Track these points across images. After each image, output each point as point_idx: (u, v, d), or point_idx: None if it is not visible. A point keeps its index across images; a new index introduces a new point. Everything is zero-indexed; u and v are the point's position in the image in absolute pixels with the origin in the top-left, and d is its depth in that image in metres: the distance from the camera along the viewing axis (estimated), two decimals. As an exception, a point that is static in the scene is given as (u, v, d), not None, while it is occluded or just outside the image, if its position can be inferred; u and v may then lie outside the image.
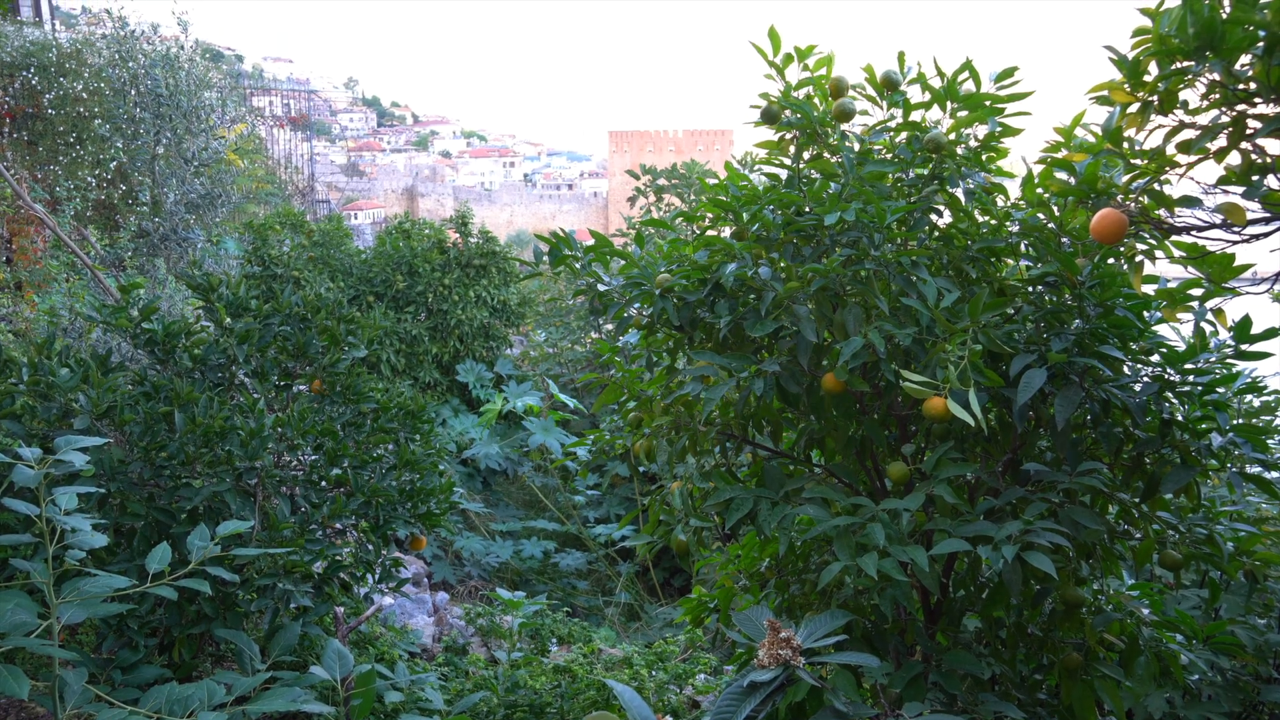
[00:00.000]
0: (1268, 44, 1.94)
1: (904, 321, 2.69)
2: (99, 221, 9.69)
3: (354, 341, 4.18)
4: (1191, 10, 1.99)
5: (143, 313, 3.79)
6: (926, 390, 2.42)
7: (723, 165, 3.81)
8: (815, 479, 3.07)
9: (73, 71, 9.62)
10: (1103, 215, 2.29)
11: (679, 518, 3.23)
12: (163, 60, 9.56)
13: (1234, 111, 2.08)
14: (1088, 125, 2.68)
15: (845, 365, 2.59)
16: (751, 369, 2.72)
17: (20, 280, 8.10)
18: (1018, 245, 2.94)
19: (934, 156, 2.95)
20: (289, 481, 3.64)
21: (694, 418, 3.09)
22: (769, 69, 3.11)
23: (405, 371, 10.39)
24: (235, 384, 3.99)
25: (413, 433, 4.21)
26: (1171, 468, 2.67)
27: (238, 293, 4.10)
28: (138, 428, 3.28)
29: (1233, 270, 2.38)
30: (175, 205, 9.33)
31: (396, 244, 10.90)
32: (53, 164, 9.50)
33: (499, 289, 10.94)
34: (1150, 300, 2.68)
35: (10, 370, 3.26)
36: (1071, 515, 2.55)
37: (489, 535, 9.41)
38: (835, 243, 2.82)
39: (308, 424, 3.61)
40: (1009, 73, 2.94)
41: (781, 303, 2.76)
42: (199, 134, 9.72)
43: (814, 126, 3.08)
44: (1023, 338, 2.75)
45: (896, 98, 3.08)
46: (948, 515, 2.65)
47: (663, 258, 3.11)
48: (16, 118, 9.73)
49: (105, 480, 3.18)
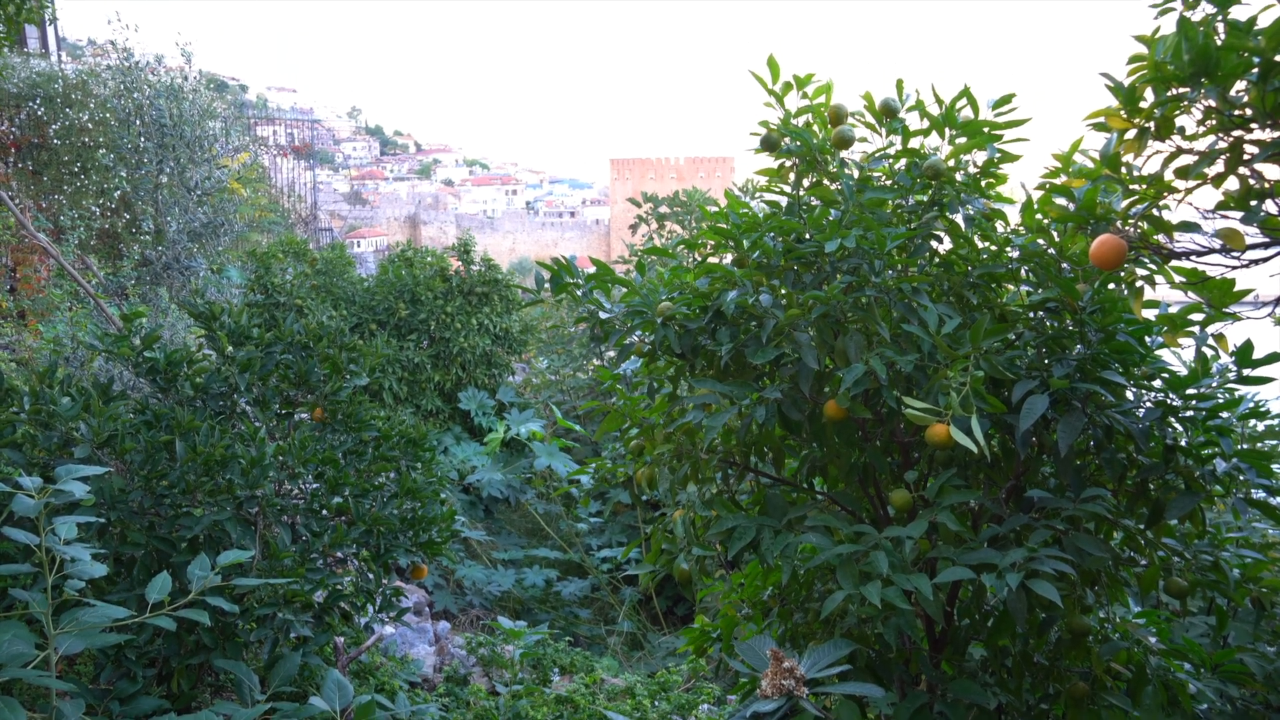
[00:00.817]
0: (1262, 70, 1.95)
1: (905, 348, 2.69)
2: (102, 250, 9.74)
3: (356, 370, 4.18)
4: (1186, 37, 2.00)
5: (144, 341, 3.80)
6: (929, 417, 2.41)
7: (724, 192, 3.83)
8: (818, 506, 3.06)
9: (78, 102, 9.71)
10: (1102, 241, 2.29)
11: (681, 546, 3.21)
12: (167, 91, 9.64)
13: (1231, 137, 2.08)
14: (1085, 151, 2.69)
15: (847, 392, 2.59)
16: (753, 396, 2.71)
17: (24, 309, 8.13)
18: (1018, 271, 2.94)
19: (933, 183, 2.96)
20: (290, 510, 3.63)
21: (696, 445, 3.08)
22: (768, 97, 3.13)
23: (407, 399, 10.39)
24: (237, 412, 3.98)
25: (414, 461, 4.20)
26: (1176, 494, 2.66)
27: (240, 321, 4.11)
28: (139, 456, 3.28)
29: (1233, 295, 2.38)
30: (178, 234, 9.38)
31: (399, 272, 10.93)
32: (57, 193, 9.56)
33: (501, 316, 10.96)
34: (1151, 325, 2.68)
35: (12, 399, 3.26)
36: (1076, 542, 2.53)
37: (491, 563, 9.37)
38: (836, 269, 2.83)
39: (309, 452, 3.61)
40: (1006, 99, 2.96)
41: (783, 330, 2.76)
42: (202, 163, 9.78)
43: (813, 154, 3.09)
44: (1024, 363, 2.75)
45: (895, 125, 3.09)
46: (951, 543, 2.64)
47: (664, 285, 3.11)
48: (22, 148, 9.81)
49: (105, 509, 3.17)
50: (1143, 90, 2.19)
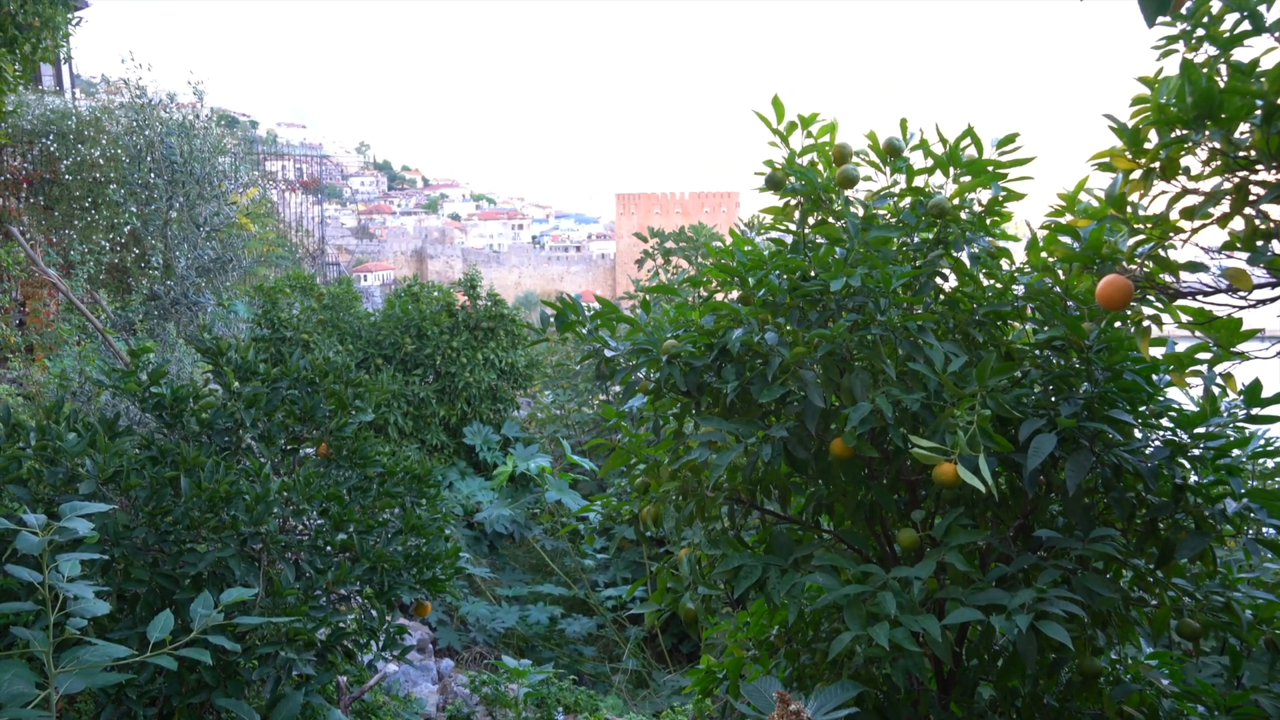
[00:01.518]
0: (1266, 113, 1.96)
1: (911, 386, 2.68)
2: (111, 285, 9.79)
3: (361, 405, 4.18)
4: (1189, 80, 2.01)
5: (152, 376, 3.81)
6: (936, 456, 2.40)
7: (729, 229, 3.85)
8: (824, 545, 3.03)
9: (90, 138, 9.81)
10: (1108, 282, 2.29)
11: (687, 585, 3.19)
12: (178, 128, 9.75)
13: (1236, 178, 2.09)
14: (1090, 190, 2.70)
15: (853, 431, 2.58)
16: (759, 434, 2.71)
17: (32, 343, 8.16)
18: (1023, 309, 2.94)
19: (938, 221, 2.97)
20: (294, 546, 3.61)
21: (702, 483, 3.07)
22: (773, 136, 3.15)
23: (413, 434, 10.38)
24: (242, 448, 3.98)
25: (419, 497, 4.18)
26: (1186, 533, 2.63)
27: (246, 356, 4.12)
28: (143, 492, 3.27)
29: (1241, 335, 2.37)
30: (187, 269, 9.43)
31: (405, 307, 10.97)
32: (68, 228, 9.64)
33: (506, 351, 10.98)
34: (1159, 364, 2.67)
35: (18, 434, 3.27)
36: (1085, 583, 2.51)
37: (495, 600, 9.30)
38: (841, 307, 2.83)
39: (314, 488, 3.60)
40: (1010, 139, 2.98)
41: (788, 368, 2.76)
42: (212, 199, 9.86)
43: (818, 192, 3.11)
44: (1031, 402, 2.74)
45: (899, 163, 3.11)
46: (960, 583, 2.61)
47: (669, 323, 3.12)
48: (34, 183, 9.90)
49: (110, 545, 3.16)
50: (1147, 131, 2.20)
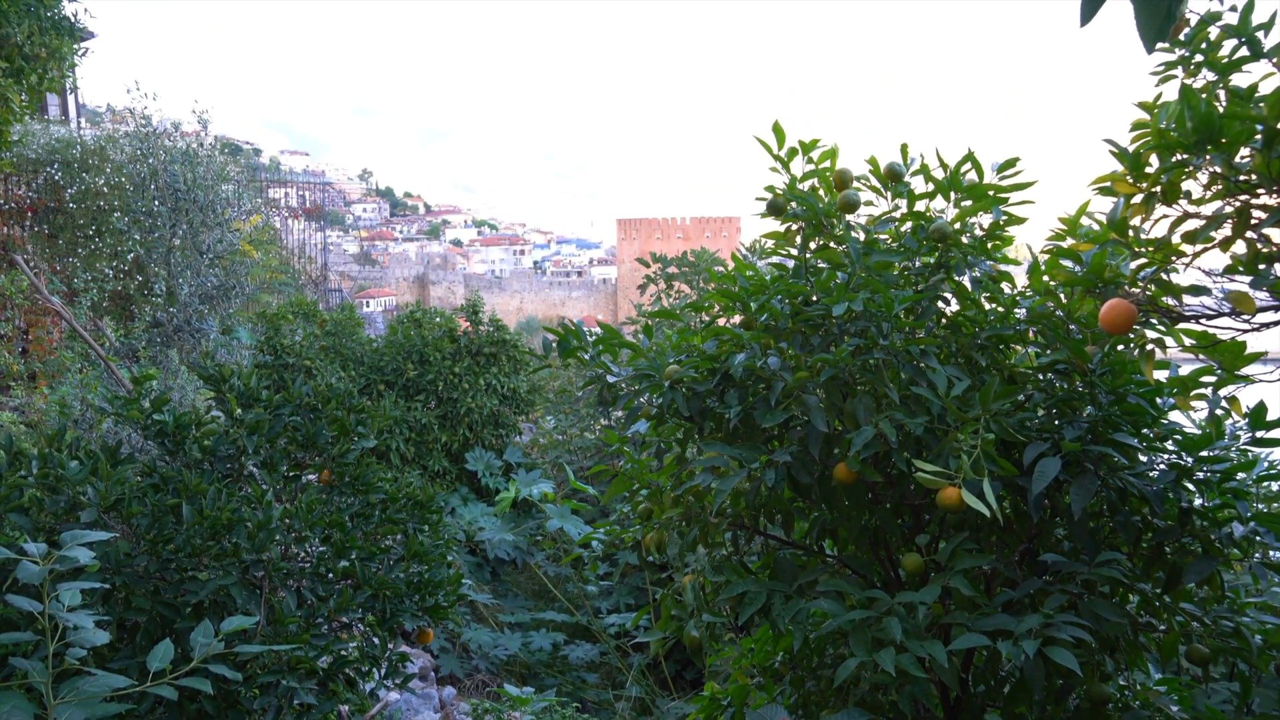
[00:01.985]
0: (1266, 137, 1.97)
1: (915, 410, 2.68)
2: (115, 312, 9.82)
3: (363, 431, 4.17)
4: (1189, 105, 2.02)
5: (154, 404, 3.81)
6: (940, 480, 2.39)
7: (730, 254, 3.86)
8: (829, 570, 3.02)
9: (95, 167, 9.88)
10: (1111, 306, 2.29)
11: (690, 612, 3.17)
12: (182, 156, 9.81)
13: (1237, 202, 2.10)
14: (1092, 214, 2.70)
15: (857, 455, 2.57)
16: (762, 459, 2.70)
17: (35, 371, 8.17)
18: (1026, 332, 2.94)
19: (939, 245, 2.98)
20: (296, 574, 3.60)
21: (705, 509, 3.05)
22: (774, 162, 3.17)
23: (415, 460, 10.36)
24: (244, 474, 3.97)
25: (421, 523, 4.17)
26: (1193, 557, 2.62)
27: (249, 383, 4.12)
28: (145, 520, 3.26)
29: (1245, 358, 2.37)
30: (189, 296, 9.46)
31: (408, 333, 10.98)
32: (72, 256, 9.68)
33: (509, 377, 10.98)
34: (1163, 387, 2.66)
35: (20, 463, 3.26)
36: (1092, 607, 2.49)
37: (497, 626, 9.24)
38: (844, 332, 2.83)
39: (315, 515, 3.59)
40: (1011, 163, 2.99)
41: (791, 392, 2.75)
42: (215, 226, 9.91)
43: (819, 218, 3.12)
44: (1035, 425, 2.73)
45: (900, 188, 3.12)
46: (965, 608, 2.59)
47: (672, 348, 3.12)
48: (39, 212, 9.95)
49: (111, 574, 3.14)
50: (1148, 156, 2.21)
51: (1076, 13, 1.16)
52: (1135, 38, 1.19)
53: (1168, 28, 1.12)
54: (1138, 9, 1.12)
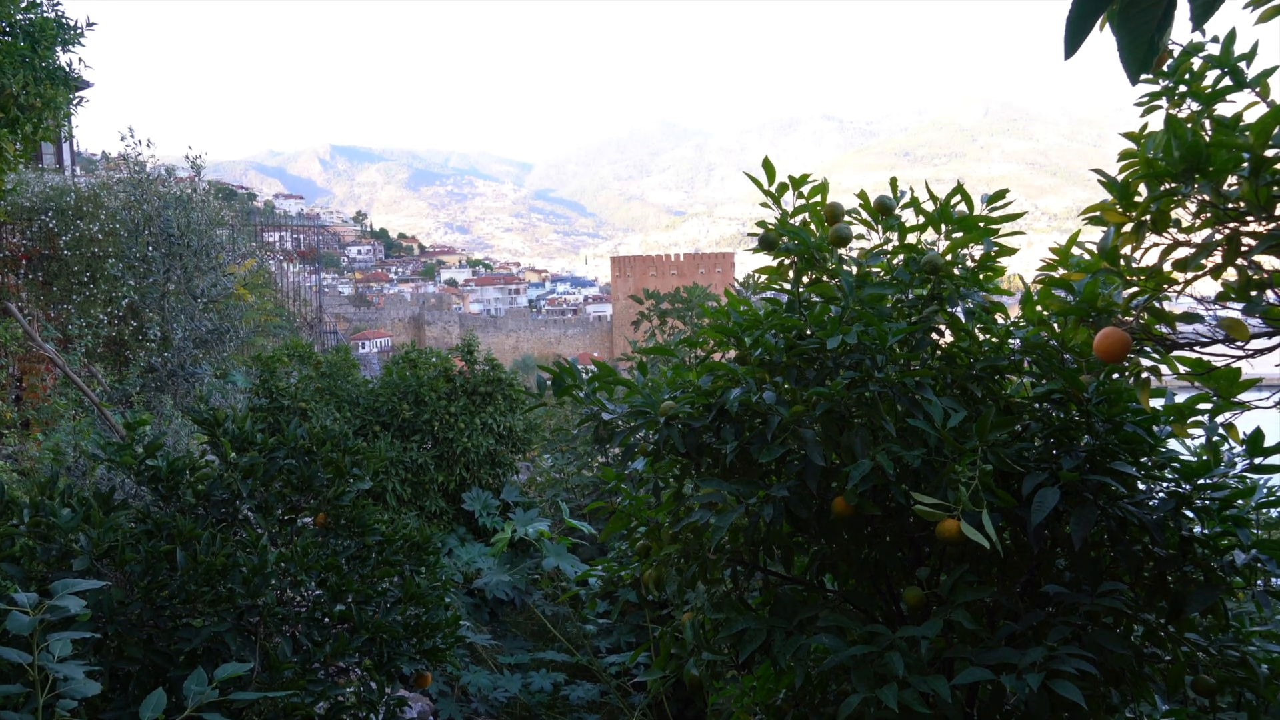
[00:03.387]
0: (1253, 165, 1.99)
1: (911, 442, 2.67)
2: (109, 358, 9.80)
3: (359, 473, 4.15)
4: (1175, 135, 2.04)
5: (147, 449, 3.78)
6: (939, 513, 2.38)
7: (724, 289, 3.86)
8: (829, 605, 2.99)
9: (89, 214, 9.91)
10: (1105, 335, 2.30)
11: (690, 650, 3.13)
12: (176, 202, 9.85)
13: (1227, 229, 2.11)
14: (1083, 244, 2.72)
15: (855, 489, 2.56)
16: (760, 494, 2.68)
17: (29, 418, 8.14)
18: (1020, 362, 2.94)
19: (932, 277, 2.99)
20: (292, 619, 3.55)
21: (703, 545, 3.03)
22: (765, 198, 3.18)
23: (411, 501, 10.30)
24: (239, 519, 3.94)
25: (418, 565, 4.13)
26: (1195, 586, 2.60)
27: (243, 427, 4.10)
28: (138, 567, 3.23)
29: (1240, 385, 2.37)
30: (184, 341, 9.45)
31: (403, 373, 10.96)
32: (66, 303, 9.68)
33: (505, 416, 10.94)
34: (1159, 415, 2.66)
35: (12, 511, 3.23)
36: (1096, 639, 2.47)
37: (496, 668, 9.13)
38: (838, 365, 2.83)
39: (311, 559, 3.55)
40: (1000, 195, 3.01)
41: (787, 426, 2.75)
42: (209, 271, 9.92)
43: (811, 252, 3.13)
44: (1032, 455, 2.72)
45: (892, 221, 3.14)
46: (968, 641, 2.57)
47: (667, 384, 3.11)
48: (33, 259, 9.97)
49: (103, 623, 3.11)
50: (1136, 186, 2.22)
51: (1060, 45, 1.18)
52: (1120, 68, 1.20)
53: (1151, 59, 1.13)
54: (1121, 41, 1.14)
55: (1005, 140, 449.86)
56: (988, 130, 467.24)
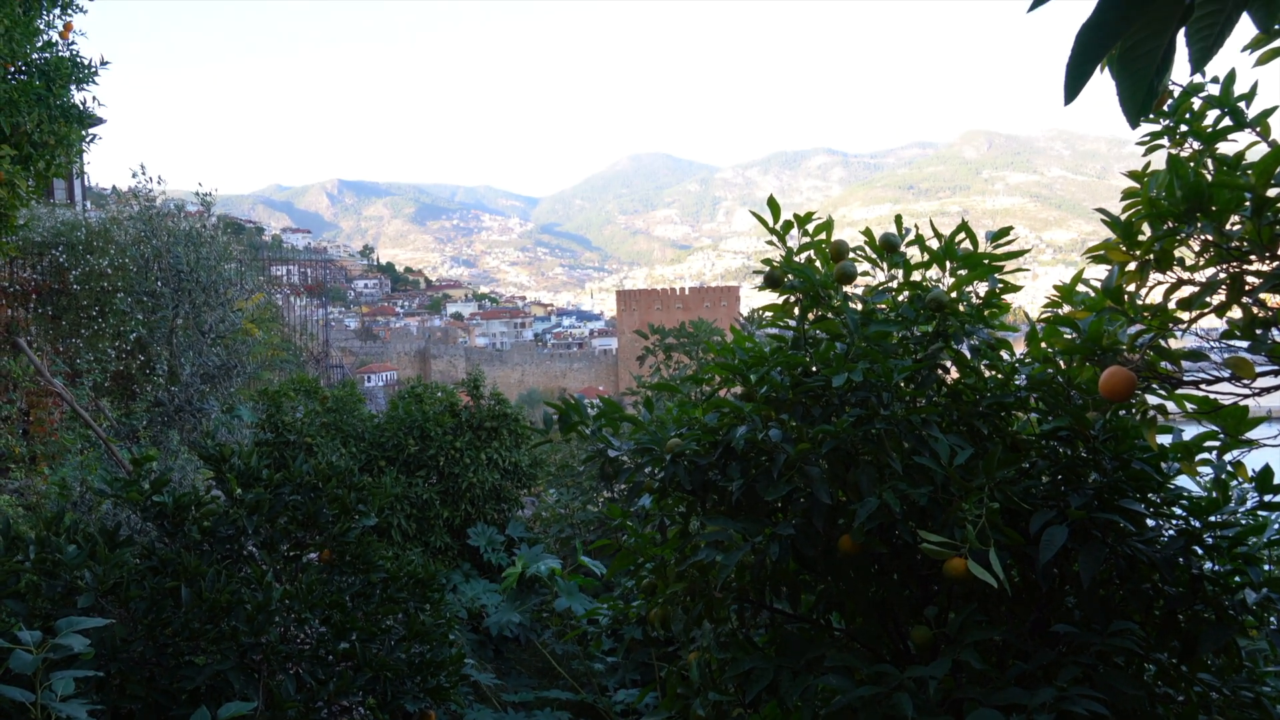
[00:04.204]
0: (1255, 205, 2.00)
1: (918, 480, 2.66)
2: (116, 392, 9.82)
3: (364, 509, 4.14)
4: (1177, 175, 2.05)
5: (154, 485, 3.79)
6: (946, 551, 2.37)
7: (730, 320, 3.88)
8: (836, 644, 2.97)
9: (99, 249, 9.98)
10: (1111, 374, 2.29)
11: (697, 689, 3.10)
12: (185, 237, 9.92)
13: (1231, 268, 2.12)
14: (1087, 281, 2.72)
15: (862, 527, 2.55)
16: (766, 532, 2.68)
17: (36, 453, 8.15)
18: (1027, 399, 2.94)
19: (937, 314, 3.00)
20: (295, 656, 3.53)
21: (709, 583, 3.02)
22: (770, 235, 3.20)
23: (416, 537, 10.26)
24: (244, 555, 3.93)
25: (423, 602, 4.11)
26: (1207, 625, 2.58)
27: (249, 462, 4.10)
28: (142, 604, 3.22)
29: (1248, 423, 2.36)
30: (191, 376, 9.48)
31: (409, 408, 10.97)
32: (75, 337, 9.72)
33: (510, 451, 10.93)
34: (1166, 452, 2.65)
35: (18, 547, 3.23)
36: (1108, 679, 2.44)
37: (500, 706, 9.04)
38: (844, 402, 2.83)
39: (315, 596, 3.54)
40: (1004, 232, 3.02)
41: (794, 464, 2.74)
42: (217, 306, 9.97)
43: (816, 289, 3.14)
44: (1039, 493, 2.71)
45: (896, 259, 3.15)
46: (977, 681, 2.54)
47: (672, 421, 3.11)
48: (43, 294, 10.03)
49: (106, 661, 3.09)
50: (1140, 225, 2.24)
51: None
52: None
53: (1151, 102, 1.14)
54: (1121, 86, 1.15)
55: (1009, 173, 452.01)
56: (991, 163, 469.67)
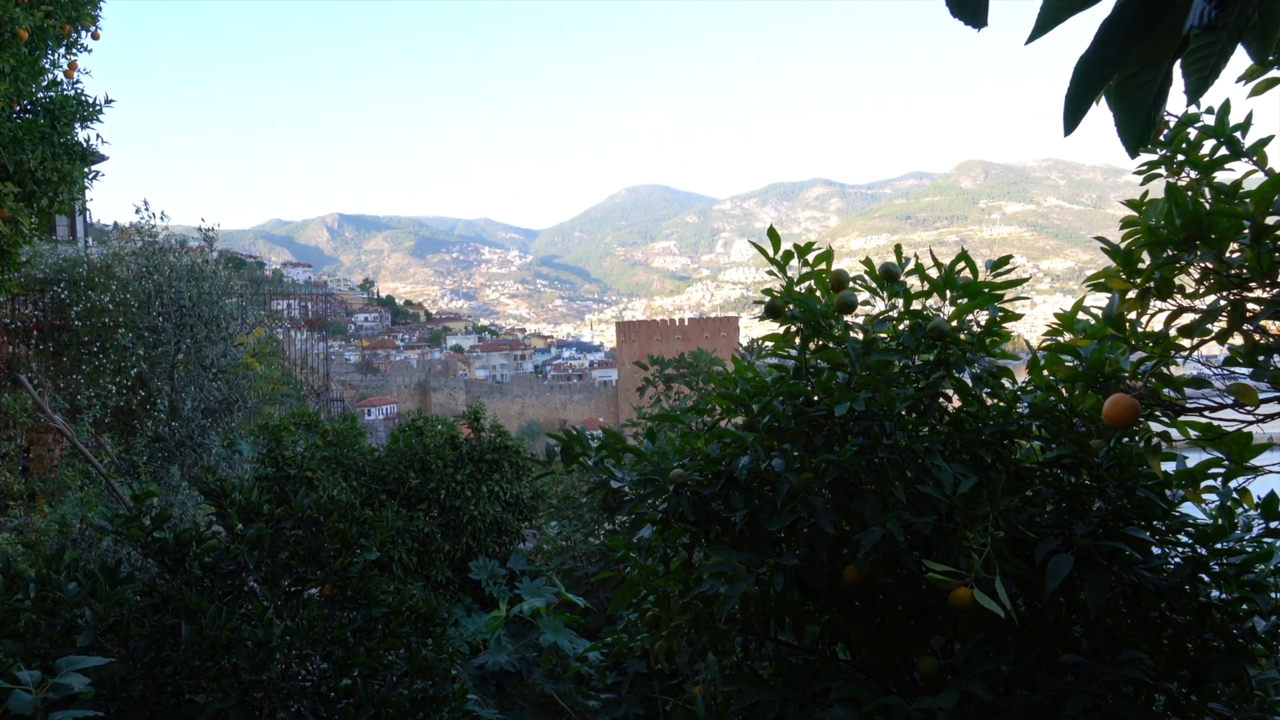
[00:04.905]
0: (1254, 233, 2.01)
1: (922, 509, 2.65)
2: (116, 427, 9.81)
3: (366, 544, 4.12)
4: (1176, 204, 2.07)
5: (154, 521, 3.77)
6: (952, 580, 2.36)
7: (729, 351, 3.88)
8: (842, 675, 2.94)
9: (101, 285, 10.02)
10: (1114, 402, 2.29)
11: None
12: (187, 273, 9.96)
13: (1231, 295, 2.12)
14: (1088, 308, 2.73)
15: (866, 557, 2.54)
16: (770, 563, 2.66)
17: (35, 490, 8.12)
18: (1029, 427, 2.94)
19: (938, 343, 3.00)
20: (296, 694, 3.50)
21: (714, 615, 3.00)
22: (770, 266, 3.21)
23: (418, 570, 10.20)
24: (245, 590, 3.91)
25: (425, 637, 4.08)
26: (1216, 654, 2.55)
27: (250, 497, 4.09)
28: (143, 642, 3.19)
29: (1252, 450, 2.36)
30: (192, 411, 9.47)
31: (409, 441, 10.95)
32: (76, 373, 9.73)
33: (511, 483, 10.89)
34: (1171, 479, 2.65)
35: (18, 586, 3.21)
36: (1117, 709, 2.41)
37: (503, 743, 8.94)
38: (847, 431, 2.83)
39: (317, 632, 3.52)
40: (1004, 261, 3.03)
41: (797, 494, 2.73)
42: (218, 341, 9.99)
43: (817, 319, 3.15)
44: (1044, 521, 2.70)
45: (897, 288, 3.16)
46: (985, 713, 2.52)
47: (674, 451, 3.11)
48: (44, 330, 10.05)
49: (106, 700, 3.06)
50: (1139, 254, 2.25)
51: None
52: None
53: (1148, 133, 1.15)
54: (1118, 117, 1.16)
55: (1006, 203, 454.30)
56: (988, 193, 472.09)
